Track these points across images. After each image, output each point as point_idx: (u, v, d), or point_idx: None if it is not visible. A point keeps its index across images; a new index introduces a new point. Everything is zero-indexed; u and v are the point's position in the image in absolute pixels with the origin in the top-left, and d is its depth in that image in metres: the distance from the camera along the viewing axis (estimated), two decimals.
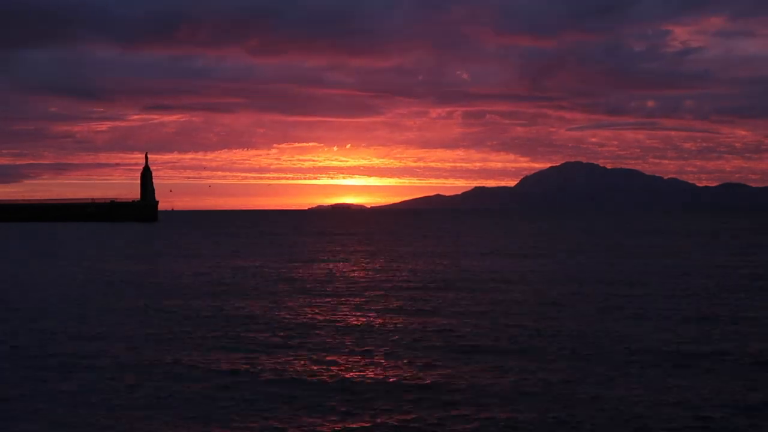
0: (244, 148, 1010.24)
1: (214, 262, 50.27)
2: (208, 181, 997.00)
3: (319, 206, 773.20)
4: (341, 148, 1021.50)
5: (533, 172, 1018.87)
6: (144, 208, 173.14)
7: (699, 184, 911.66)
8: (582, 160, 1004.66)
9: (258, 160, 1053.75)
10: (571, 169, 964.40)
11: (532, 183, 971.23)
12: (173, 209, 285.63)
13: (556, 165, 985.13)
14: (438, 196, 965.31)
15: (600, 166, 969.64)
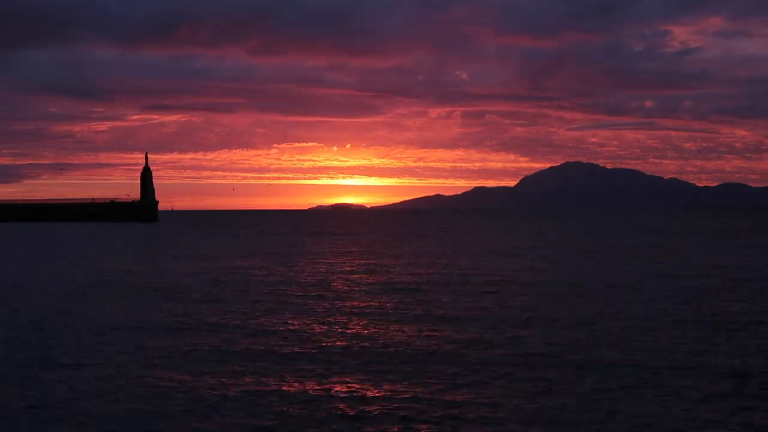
0: (244, 148, 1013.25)
1: (213, 262, 50.28)
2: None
3: (319, 206, 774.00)
4: (341, 148, 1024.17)
5: (533, 172, 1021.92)
6: (144, 208, 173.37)
7: (699, 184, 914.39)
8: (582, 160, 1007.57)
9: (258, 160, 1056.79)
10: (571, 169, 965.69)
11: (532, 183, 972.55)
12: (173, 209, 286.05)
13: (556, 165, 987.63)
14: (438, 196, 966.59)
15: (600, 166, 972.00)
